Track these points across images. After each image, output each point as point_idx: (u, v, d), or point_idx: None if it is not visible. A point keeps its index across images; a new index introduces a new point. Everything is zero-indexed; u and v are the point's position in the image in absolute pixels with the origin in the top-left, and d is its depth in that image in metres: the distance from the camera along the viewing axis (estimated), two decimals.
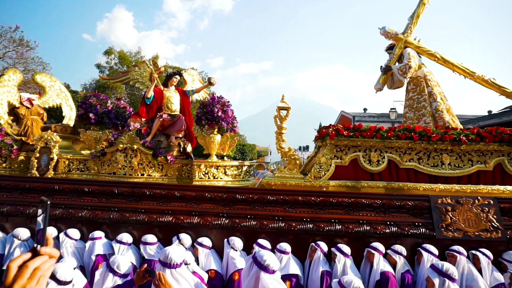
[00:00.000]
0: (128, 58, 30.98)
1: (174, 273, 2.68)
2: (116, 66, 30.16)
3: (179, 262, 2.77)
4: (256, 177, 8.04)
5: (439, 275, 2.92)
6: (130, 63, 29.60)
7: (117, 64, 30.34)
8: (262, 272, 2.53)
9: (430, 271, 2.94)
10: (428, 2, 5.50)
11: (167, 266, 2.71)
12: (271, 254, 2.73)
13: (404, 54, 5.31)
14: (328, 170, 4.53)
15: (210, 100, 4.55)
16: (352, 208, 4.09)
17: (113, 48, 31.43)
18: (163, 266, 2.73)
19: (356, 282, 2.76)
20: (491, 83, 5.16)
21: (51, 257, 0.92)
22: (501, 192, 4.35)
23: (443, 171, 4.53)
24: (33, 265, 0.87)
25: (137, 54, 32.64)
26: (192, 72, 5.78)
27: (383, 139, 4.48)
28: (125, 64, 28.92)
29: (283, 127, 4.68)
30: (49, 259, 0.91)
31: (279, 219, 4.05)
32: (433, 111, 5.07)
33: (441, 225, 3.93)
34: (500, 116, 19.66)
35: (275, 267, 2.60)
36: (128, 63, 29.37)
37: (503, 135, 4.44)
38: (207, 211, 4.16)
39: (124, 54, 30.87)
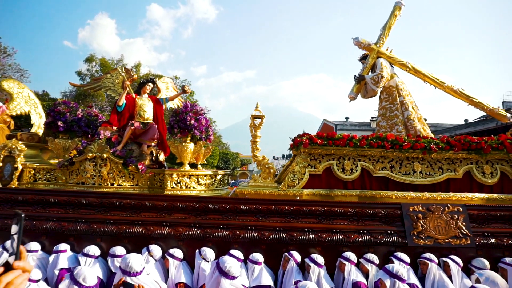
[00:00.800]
0: (110, 65, 30.59)
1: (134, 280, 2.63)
2: (98, 73, 29.69)
3: (139, 270, 2.73)
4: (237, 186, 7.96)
5: (390, 277, 2.97)
6: None
7: (98, 72, 29.88)
8: (222, 277, 2.54)
9: (382, 274, 3.00)
10: (399, 14, 5.65)
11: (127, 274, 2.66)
12: (234, 260, 2.75)
13: (376, 64, 5.42)
14: (302, 179, 4.52)
15: (183, 108, 4.49)
16: (325, 217, 4.08)
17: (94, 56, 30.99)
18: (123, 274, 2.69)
19: (311, 286, 2.77)
20: (459, 93, 5.31)
21: (24, 271, 0.91)
22: (470, 199, 4.43)
23: (415, 179, 4.59)
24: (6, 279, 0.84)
25: (119, 61, 32.26)
26: (166, 80, 5.71)
27: (356, 147, 4.52)
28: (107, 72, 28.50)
29: (257, 135, 4.66)
30: (23, 273, 0.90)
31: (252, 228, 4.00)
32: (405, 120, 5.17)
33: (412, 233, 3.96)
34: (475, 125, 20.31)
35: (235, 274, 2.61)
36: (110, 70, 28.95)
37: (471, 144, 4.54)
38: (179, 221, 4.06)
39: (105, 61, 30.47)
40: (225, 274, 2.65)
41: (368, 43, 5.56)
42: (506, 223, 4.11)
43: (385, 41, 5.63)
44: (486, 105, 5.27)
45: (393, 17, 5.63)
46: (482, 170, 4.67)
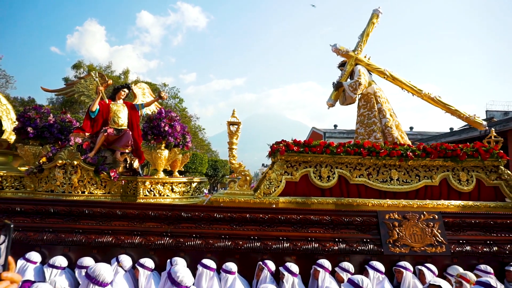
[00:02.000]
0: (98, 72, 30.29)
1: None
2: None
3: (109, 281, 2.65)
4: None
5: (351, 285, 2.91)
6: None
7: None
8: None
9: (347, 285, 2.93)
10: (377, 22, 5.69)
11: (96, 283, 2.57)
12: (186, 270, 2.72)
13: (354, 71, 5.43)
14: (278, 186, 4.46)
15: (157, 115, 4.40)
16: (300, 225, 4.01)
17: (82, 62, 30.71)
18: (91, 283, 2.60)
19: None
20: (436, 101, 5.34)
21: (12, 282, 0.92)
22: (445, 206, 4.42)
23: (392, 187, 4.57)
24: None
25: (108, 68, 32.04)
26: (143, 85, 5.61)
27: (333, 154, 4.48)
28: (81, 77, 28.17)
29: (233, 142, 4.59)
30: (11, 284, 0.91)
31: (226, 237, 3.91)
32: (382, 127, 5.17)
33: (388, 241, 3.92)
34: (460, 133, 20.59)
35: (188, 283, 2.57)
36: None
37: (446, 151, 4.55)
38: (150, 230, 3.95)
39: (93, 68, 30.22)
40: (178, 285, 2.59)
41: (346, 50, 5.58)
42: (481, 231, 4.12)
43: (363, 48, 5.65)
44: (462, 113, 5.31)
45: (371, 24, 5.66)
46: (458, 177, 4.67)
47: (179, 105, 32.73)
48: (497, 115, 26.78)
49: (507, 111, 28.51)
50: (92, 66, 30.71)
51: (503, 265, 3.88)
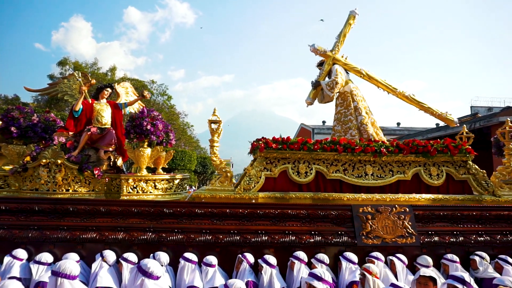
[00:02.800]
0: (84, 69, 29.96)
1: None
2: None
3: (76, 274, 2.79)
4: None
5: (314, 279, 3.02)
6: None
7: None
8: (146, 279, 2.63)
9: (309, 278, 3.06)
10: (354, 23, 5.88)
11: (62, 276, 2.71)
12: (155, 262, 2.85)
13: (332, 70, 5.62)
14: (258, 182, 4.63)
15: (139, 113, 4.51)
16: (278, 219, 4.19)
17: (68, 59, 30.26)
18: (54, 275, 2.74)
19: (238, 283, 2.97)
20: (410, 99, 5.57)
21: None
22: (416, 200, 4.65)
23: (367, 182, 4.78)
24: None
25: (94, 65, 31.63)
26: (126, 84, 5.70)
27: (310, 151, 4.67)
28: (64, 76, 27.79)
29: (215, 140, 4.73)
30: None
31: (207, 232, 4.06)
32: (358, 125, 5.38)
33: (361, 233, 4.12)
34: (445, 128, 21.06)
35: (159, 273, 2.71)
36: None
37: (418, 147, 4.78)
38: (133, 226, 4.08)
39: (79, 65, 29.81)
40: (149, 275, 2.74)
41: (324, 50, 5.76)
42: (448, 222, 4.35)
43: (341, 49, 5.84)
44: (435, 110, 5.55)
45: (347, 25, 5.86)
46: (429, 172, 4.91)
47: (167, 102, 32.63)
48: (481, 111, 27.38)
49: (491, 106, 29.19)
50: (78, 63, 30.31)
51: (469, 254, 4.13)
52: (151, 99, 31.94)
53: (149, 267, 2.86)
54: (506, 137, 5.01)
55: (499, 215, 4.38)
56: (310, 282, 2.97)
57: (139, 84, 31.52)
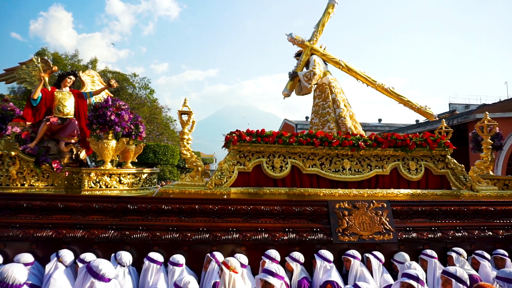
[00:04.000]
0: (63, 60, 29.00)
1: None
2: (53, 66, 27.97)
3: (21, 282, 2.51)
4: None
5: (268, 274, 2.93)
6: (65, 67, 27.71)
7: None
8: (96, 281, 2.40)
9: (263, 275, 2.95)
10: (332, 12, 5.69)
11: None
12: (107, 262, 2.62)
13: (310, 61, 5.42)
14: (230, 177, 4.39)
15: (103, 103, 4.19)
16: (251, 216, 3.97)
17: (46, 50, 29.19)
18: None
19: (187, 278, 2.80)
20: (390, 92, 5.44)
21: None
22: (395, 195, 4.52)
23: (344, 176, 4.61)
24: None
25: (74, 57, 30.62)
26: (92, 73, 5.35)
27: (286, 144, 4.46)
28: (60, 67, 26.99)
29: (185, 132, 4.47)
30: None
31: (174, 229, 3.81)
32: (336, 117, 5.20)
33: (338, 230, 3.95)
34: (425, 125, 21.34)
35: (110, 275, 2.49)
36: (63, 66, 27.46)
37: (397, 141, 4.64)
38: (94, 223, 3.78)
39: (58, 56, 28.81)
40: (100, 277, 2.50)
41: (301, 40, 5.55)
42: (426, 218, 4.23)
43: (319, 38, 5.64)
44: (414, 103, 5.44)
45: (326, 14, 5.67)
46: (408, 166, 4.79)
47: (149, 96, 31.95)
48: (459, 108, 27.96)
49: (468, 104, 29.84)
50: (57, 54, 29.30)
51: (446, 250, 4.03)
52: (133, 93, 31.24)
53: (100, 268, 2.62)
54: (485, 131, 4.93)
55: (476, 210, 4.30)
56: (265, 279, 2.82)
57: (120, 77, 30.74)
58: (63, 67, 26.67)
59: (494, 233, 4.19)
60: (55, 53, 29.14)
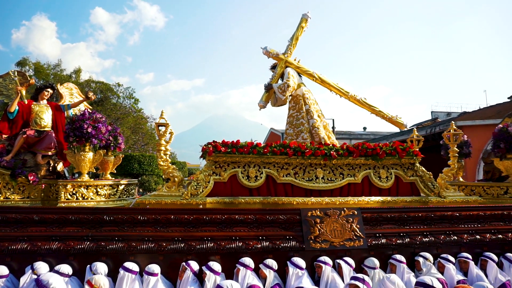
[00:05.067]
0: (45, 70, 28.68)
1: None
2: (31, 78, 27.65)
3: None
4: None
5: None
6: (48, 76, 27.40)
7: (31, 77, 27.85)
8: None
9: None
10: (306, 26, 5.92)
11: None
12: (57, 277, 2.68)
13: (284, 73, 5.61)
14: (206, 187, 4.49)
15: (80, 116, 4.27)
16: (225, 225, 4.07)
17: (28, 59, 28.83)
18: None
19: None
20: (362, 102, 5.65)
21: None
22: (366, 202, 4.69)
23: (317, 185, 4.76)
24: None
25: (57, 66, 30.34)
26: (70, 85, 5.41)
27: (260, 155, 4.59)
28: (42, 77, 26.70)
29: (162, 143, 4.56)
30: None
31: (149, 239, 3.87)
32: (310, 128, 5.38)
33: (310, 237, 4.07)
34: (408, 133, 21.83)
35: None
36: (45, 76, 27.16)
37: (367, 150, 4.83)
38: (70, 235, 3.82)
39: (41, 66, 28.49)
40: None
41: (276, 53, 5.75)
42: (395, 224, 4.39)
43: (293, 52, 5.85)
44: (385, 113, 5.66)
45: (300, 28, 5.89)
46: (379, 174, 4.97)
47: (134, 105, 31.80)
48: (441, 116, 28.74)
49: (449, 111, 30.69)
50: (39, 63, 28.98)
51: (414, 255, 4.19)
52: (117, 102, 31.05)
53: (50, 282, 2.64)
54: (451, 140, 5.17)
55: (443, 215, 4.48)
56: None
57: (104, 87, 30.56)
58: (45, 76, 26.36)
59: (459, 237, 4.37)
60: (37, 62, 28.83)
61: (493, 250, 4.34)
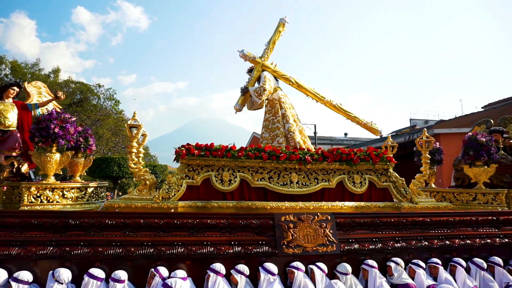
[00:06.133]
0: (23, 69, 27.89)
1: None
2: (7, 78, 26.83)
3: None
4: None
5: None
6: (25, 76, 26.63)
7: (8, 76, 27.03)
8: None
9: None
10: (283, 30, 5.94)
11: None
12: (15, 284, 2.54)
13: (261, 77, 5.60)
14: (178, 191, 4.40)
15: (47, 115, 4.11)
16: (197, 230, 3.98)
17: (4, 57, 27.98)
18: None
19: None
20: (338, 108, 5.70)
21: None
22: (339, 207, 4.69)
23: (292, 189, 4.74)
24: None
25: (35, 65, 29.56)
26: (39, 84, 5.22)
27: (234, 158, 4.54)
28: (18, 76, 25.92)
29: (133, 145, 4.44)
30: None
31: (117, 244, 3.74)
32: (285, 132, 5.38)
33: (283, 242, 4.03)
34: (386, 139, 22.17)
35: None
36: (22, 75, 26.38)
37: (342, 155, 4.85)
38: (32, 240, 3.64)
39: (18, 65, 27.70)
40: None
41: (253, 57, 5.74)
42: (368, 229, 4.41)
43: (270, 56, 5.86)
44: (361, 119, 5.72)
45: (277, 33, 5.91)
46: (353, 180, 5.00)
47: (115, 107, 31.24)
48: (419, 123, 29.49)
49: (427, 119, 31.54)
50: (16, 62, 28.18)
51: (386, 260, 4.21)
52: (98, 104, 30.45)
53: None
54: (424, 147, 5.26)
55: (414, 221, 4.53)
56: None
57: (84, 87, 29.95)
58: (22, 76, 25.62)
59: (430, 242, 4.43)
60: (14, 61, 28.02)
61: (462, 255, 4.43)
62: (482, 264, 4.32)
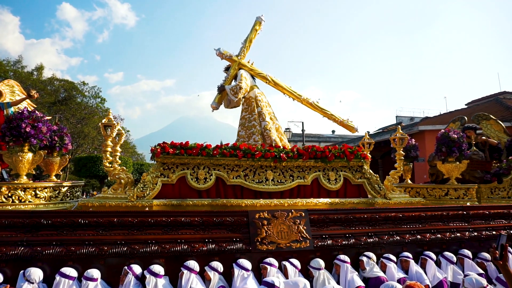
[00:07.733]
0: (5, 67, 27.29)
1: None
2: None
3: None
4: None
5: None
6: (7, 73, 26.06)
7: None
8: None
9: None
10: (260, 29, 5.98)
11: None
12: None
13: (237, 75, 5.63)
14: (153, 189, 4.41)
15: (18, 114, 4.06)
16: (171, 228, 4.00)
17: None
18: None
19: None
20: (315, 106, 5.77)
21: None
22: (314, 204, 4.76)
23: (267, 187, 4.79)
24: None
25: (17, 63, 28.97)
26: (12, 82, 5.16)
27: (210, 156, 4.57)
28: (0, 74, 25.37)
29: (108, 144, 4.44)
30: None
31: (90, 243, 3.74)
32: (262, 130, 5.42)
33: (256, 239, 4.08)
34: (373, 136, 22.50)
35: None
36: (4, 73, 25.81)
37: (317, 153, 4.91)
38: (2, 240, 3.62)
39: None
40: None
41: (229, 55, 5.76)
42: (341, 225, 4.49)
43: (246, 54, 5.89)
44: (337, 117, 5.80)
45: (253, 31, 5.95)
46: (328, 176, 5.07)
47: (100, 105, 30.86)
48: (405, 120, 29.92)
49: (413, 116, 32.02)
50: None
51: (359, 255, 4.30)
52: (83, 102, 30.03)
53: None
54: (398, 143, 5.37)
55: (387, 216, 4.63)
56: None
57: (69, 85, 29.49)
58: (3, 73, 25.07)
59: (402, 237, 4.54)
60: None
61: (433, 249, 4.55)
62: (452, 258, 4.45)
